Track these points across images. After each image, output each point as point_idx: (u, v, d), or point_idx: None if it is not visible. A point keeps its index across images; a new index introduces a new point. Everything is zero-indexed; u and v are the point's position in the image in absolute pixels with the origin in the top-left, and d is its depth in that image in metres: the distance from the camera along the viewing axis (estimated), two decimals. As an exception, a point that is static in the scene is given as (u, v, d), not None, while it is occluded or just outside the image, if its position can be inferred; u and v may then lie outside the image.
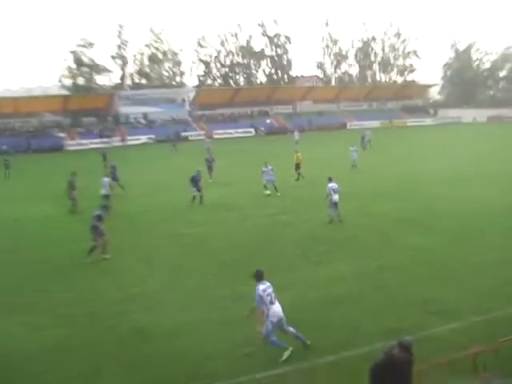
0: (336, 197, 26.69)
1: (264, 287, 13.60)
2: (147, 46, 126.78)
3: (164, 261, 22.62)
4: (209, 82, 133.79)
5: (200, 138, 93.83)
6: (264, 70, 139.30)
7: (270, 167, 35.93)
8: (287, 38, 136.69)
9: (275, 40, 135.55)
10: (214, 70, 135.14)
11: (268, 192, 35.45)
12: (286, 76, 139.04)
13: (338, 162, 48.91)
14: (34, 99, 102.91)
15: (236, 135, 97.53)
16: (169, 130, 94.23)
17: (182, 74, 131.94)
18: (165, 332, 15.86)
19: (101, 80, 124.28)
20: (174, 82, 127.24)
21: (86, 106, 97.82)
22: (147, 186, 42.33)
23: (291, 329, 14.00)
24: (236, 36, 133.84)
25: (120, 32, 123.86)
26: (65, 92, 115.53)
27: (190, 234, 26.97)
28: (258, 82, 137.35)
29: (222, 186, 40.58)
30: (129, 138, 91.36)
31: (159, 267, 21.77)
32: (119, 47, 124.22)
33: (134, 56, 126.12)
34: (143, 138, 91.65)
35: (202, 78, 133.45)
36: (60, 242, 26.55)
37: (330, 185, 27.09)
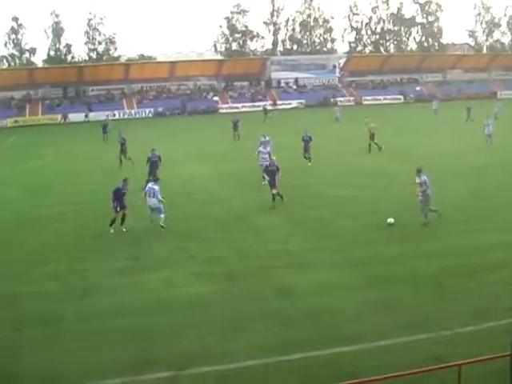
0: None
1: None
2: (299, 12, 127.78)
3: (312, 221, 23.47)
4: (359, 48, 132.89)
5: (349, 103, 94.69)
6: (414, 38, 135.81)
7: None
8: (438, 5, 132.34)
9: (426, 7, 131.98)
10: (365, 37, 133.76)
11: None
12: (436, 44, 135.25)
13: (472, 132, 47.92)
14: (189, 63, 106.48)
15: (385, 102, 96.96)
16: (319, 95, 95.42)
17: (332, 40, 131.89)
18: (306, 291, 16.34)
19: (253, 46, 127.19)
20: (324, 49, 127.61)
21: (239, 70, 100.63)
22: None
23: None
24: (387, 3, 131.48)
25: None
26: (218, 57, 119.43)
27: (340, 197, 27.87)
28: (408, 49, 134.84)
29: (374, 152, 41.10)
30: (279, 102, 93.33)
31: (306, 227, 22.34)
32: (272, 14, 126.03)
33: (286, 22, 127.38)
34: (293, 103, 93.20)
35: (352, 45, 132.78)
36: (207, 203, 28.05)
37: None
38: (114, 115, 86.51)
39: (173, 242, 21.47)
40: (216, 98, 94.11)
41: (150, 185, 23.39)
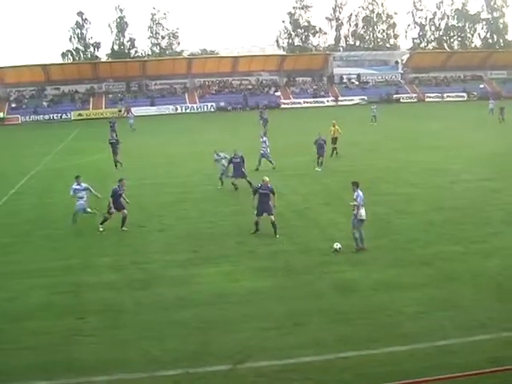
0: None
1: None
2: (362, 7, 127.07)
3: (371, 218, 22.62)
4: (422, 45, 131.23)
5: (411, 100, 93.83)
6: (479, 34, 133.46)
7: None
8: (504, 0, 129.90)
9: (492, 3, 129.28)
10: (429, 33, 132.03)
11: None
12: (501, 40, 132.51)
13: None
14: (252, 58, 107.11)
15: (448, 99, 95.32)
16: (381, 91, 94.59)
17: (395, 36, 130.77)
18: (365, 288, 16.30)
19: (316, 41, 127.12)
20: (387, 45, 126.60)
21: (301, 66, 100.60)
22: (365, 146, 43.18)
23: None
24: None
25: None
26: (281, 52, 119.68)
27: (399, 194, 27.60)
28: (473, 45, 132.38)
29: (434, 149, 40.48)
30: (341, 98, 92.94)
31: (366, 224, 21.54)
32: (334, 9, 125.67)
33: (349, 18, 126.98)
34: (355, 99, 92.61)
35: (415, 41, 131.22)
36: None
37: None
38: (177, 109, 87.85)
39: (233, 237, 21.63)
40: (278, 93, 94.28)
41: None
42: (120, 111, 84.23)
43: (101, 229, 22.98)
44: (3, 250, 21.40)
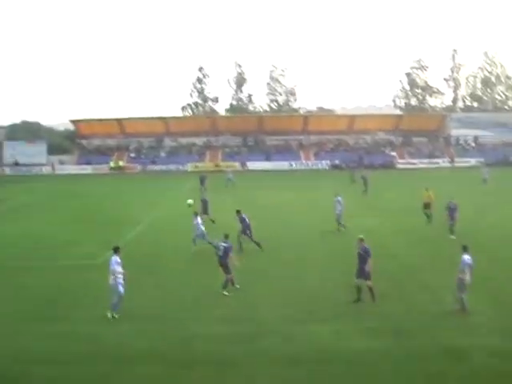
0: None
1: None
2: (480, 69, 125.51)
3: (487, 285, 22.75)
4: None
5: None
6: None
7: None
8: None
9: None
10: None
11: None
12: None
13: None
14: (368, 117, 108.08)
15: None
16: (498, 153, 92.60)
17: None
18: (476, 355, 16.20)
19: (433, 101, 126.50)
20: (506, 106, 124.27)
21: (417, 126, 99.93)
22: (475, 208, 41.87)
23: None
24: None
25: (454, 55, 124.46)
26: (397, 112, 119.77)
27: None
28: None
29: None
30: (457, 159, 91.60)
31: (480, 290, 21.50)
32: (452, 70, 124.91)
33: (467, 79, 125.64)
34: (472, 161, 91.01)
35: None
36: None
37: None
38: (291, 165, 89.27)
39: (344, 296, 21.78)
40: (393, 153, 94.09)
41: None
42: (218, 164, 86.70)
43: (225, 293, 22.69)
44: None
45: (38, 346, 17.86)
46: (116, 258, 20.56)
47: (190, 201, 30.20)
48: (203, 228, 30.46)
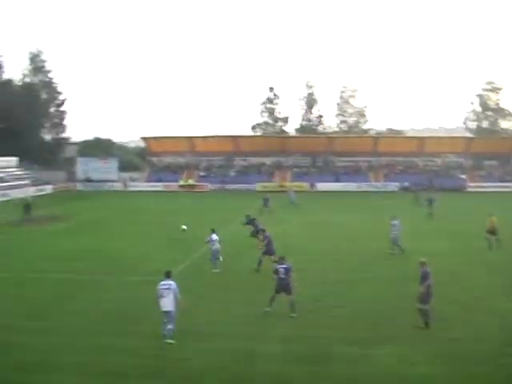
0: None
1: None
2: None
3: None
4: None
5: None
6: None
7: None
8: None
9: None
10: None
11: None
12: None
13: None
14: (438, 140, 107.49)
15: None
16: None
17: None
18: None
19: (505, 124, 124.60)
20: None
21: (489, 149, 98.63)
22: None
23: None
24: None
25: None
26: (468, 134, 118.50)
27: None
28: None
29: None
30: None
31: None
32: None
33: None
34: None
35: None
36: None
37: None
38: (360, 186, 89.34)
39: (410, 320, 21.51)
40: (463, 176, 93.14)
41: None
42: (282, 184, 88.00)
43: (293, 315, 22.61)
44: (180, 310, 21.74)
45: (108, 360, 18.37)
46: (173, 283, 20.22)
47: (183, 227, 29.88)
48: (218, 245, 30.98)
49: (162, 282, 19.95)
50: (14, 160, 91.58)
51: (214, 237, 31.01)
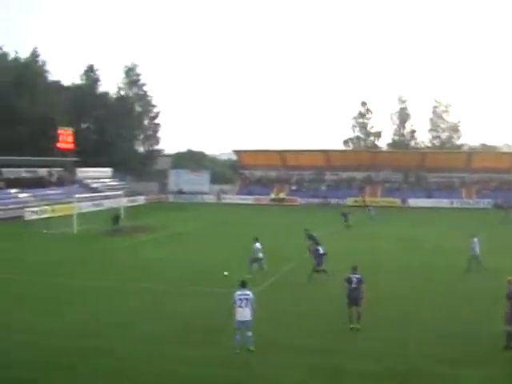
0: None
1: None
2: None
3: None
4: None
5: None
6: None
7: None
8: None
9: None
10: None
11: None
12: None
13: None
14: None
15: None
16: None
17: None
18: None
19: None
20: None
21: None
22: None
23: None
24: None
25: None
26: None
27: None
28: None
29: None
30: None
31: None
32: None
33: None
34: None
35: None
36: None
37: None
38: (452, 203, 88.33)
39: (499, 341, 20.41)
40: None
41: None
42: (364, 199, 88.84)
43: (358, 326, 22.46)
44: (265, 323, 22.06)
45: (184, 370, 18.31)
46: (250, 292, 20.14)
47: (225, 273, 30.04)
48: (261, 255, 32.13)
49: (238, 292, 19.84)
50: (108, 171, 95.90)
51: (258, 246, 32.35)
